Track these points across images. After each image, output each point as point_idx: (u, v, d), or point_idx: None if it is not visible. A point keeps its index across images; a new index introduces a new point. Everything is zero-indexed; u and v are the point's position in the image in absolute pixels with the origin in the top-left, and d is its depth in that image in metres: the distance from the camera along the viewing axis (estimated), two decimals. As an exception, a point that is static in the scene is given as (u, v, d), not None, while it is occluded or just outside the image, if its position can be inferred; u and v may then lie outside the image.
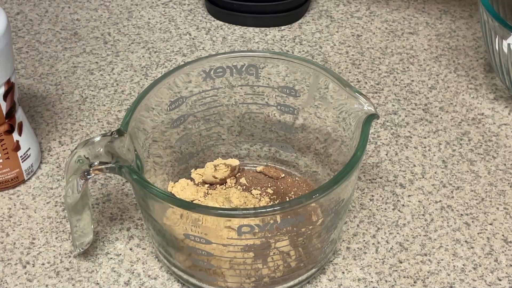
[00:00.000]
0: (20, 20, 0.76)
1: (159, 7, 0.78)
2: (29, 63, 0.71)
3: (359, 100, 0.49)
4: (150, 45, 0.73)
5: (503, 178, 0.59)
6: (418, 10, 0.78)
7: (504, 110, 0.65)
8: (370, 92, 0.67)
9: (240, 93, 0.55)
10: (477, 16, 0.77)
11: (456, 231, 0.55)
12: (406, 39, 0.73)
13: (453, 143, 0.62)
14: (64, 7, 0.78)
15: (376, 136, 0.63)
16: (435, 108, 0.65)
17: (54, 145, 0.62)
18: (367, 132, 0.47)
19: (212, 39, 0.74)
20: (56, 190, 0.58)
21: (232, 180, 0.56)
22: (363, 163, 0.60)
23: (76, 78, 0.69)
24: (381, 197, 0.57)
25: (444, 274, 0.52)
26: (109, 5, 0.79)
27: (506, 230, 0.55)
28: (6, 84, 0.54)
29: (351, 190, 0.48)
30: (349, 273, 0.52)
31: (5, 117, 0.55)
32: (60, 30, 0.75)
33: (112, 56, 0.71)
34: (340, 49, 0.72)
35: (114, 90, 0.67)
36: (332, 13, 0.77)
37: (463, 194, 0.57)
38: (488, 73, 0.69)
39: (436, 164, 0.60)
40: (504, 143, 0.62)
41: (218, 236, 0.45)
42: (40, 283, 0.51)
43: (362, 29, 0.75)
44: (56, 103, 0.66)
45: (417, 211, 0.56)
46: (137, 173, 0.45)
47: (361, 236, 0.54)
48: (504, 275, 0.52)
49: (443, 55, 0.71)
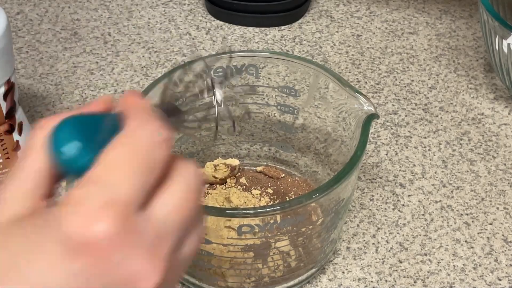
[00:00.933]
0: (20, 20, 0.76)
1: (159, 7, 0.78)
2: (29, 63, 0.71)
3: (359, 100, 0.49)
4: (150, 45, 0.73)
5: (503, 178, 0.59)
6: (418, 10, 0.78)
7: (504, 110, 0.65)
8: (370, 92, 0.67)
9: (240, 93, 0.55)
10: (477, 16, 0.77)
11: (456, 231, 0.55)
12: (406, 39, 0.73)
13: (453, 143, 0.62)
14: (64, 7, 0.78)
15: (376, 136, 0.63)
16: (435, 108, 0.65)
17: (54, 145, 0.62)
18: (367, 132, 0.47)
19: (212, 39, 0.74)
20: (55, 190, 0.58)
21: (232, 180, 0.56)
22: (363, 163, 0.60)
23: (76, 78, 0.69)
24: (381, 197, 0.57)
25: (444, 274, 0.52)
26: (109, 5, 0.79)
27: (506, 230, 0.55)
28: (6, 84, 0.54)
29: (351, 190, 0.48)
30: (349, 273, 0.52)
31: (5, 117, 0.55)
32: (60, 30, 0.75)
33: (112, 56, 0.71)
34: (340, 49, 0.72)
35: (114, 90, 0.67)
36: (332, 13, 0.77)
37: (463, 194, 0.57)
38: (488, 73, 0.69)
39: (436, 164, 0.60)
40: (504, 143, 0.62)
41: (218, 236, 0.45)
42: (40, 283, 0.51)
43: (362, 29, 0.75)
44: (56, 103, 0.66)
45: (417, 211, 0.56)
46: (137, 173, 0.45)
47: (361, 236, 0.54)
48: (504, 275, 0.52)
49: (443, 55, 0.71)
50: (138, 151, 0.27)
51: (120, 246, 0.25)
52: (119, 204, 0.25)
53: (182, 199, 0.28)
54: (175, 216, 0.27)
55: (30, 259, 0.25)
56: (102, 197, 0.25)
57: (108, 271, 0.25)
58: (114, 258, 0.25)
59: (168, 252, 0.27)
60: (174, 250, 0.27)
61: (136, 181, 0.26)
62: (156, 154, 0.27)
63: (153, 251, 0.26)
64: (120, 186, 0.26)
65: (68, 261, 0.25)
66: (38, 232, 0.25)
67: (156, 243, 0.26)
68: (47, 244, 0.25)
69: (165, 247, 0.26)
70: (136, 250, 0.26)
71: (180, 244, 0.28)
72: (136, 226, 0.26)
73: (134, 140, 0.27)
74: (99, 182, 0.26)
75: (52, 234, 0.25)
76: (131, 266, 0.25)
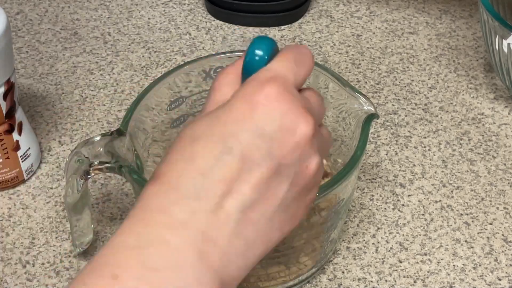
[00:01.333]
0: (20, 20, 0.76)
1: (159, 7, 0.78)
2: (29, 63, 0.71)
3: (359, 100, 0.49)
4: (150, 45, 0.73)
5: (503, 178, 0.59)
6: (418, 10, 0.78)
7: (504, 110, 0.65)
8: (370, 92, 0.67)
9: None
10: (477, 16, 0.77)
11: (456, 230, 0.55)
12: (406, 39, 0.73)
13: (453, 143, 0.62)
14: (64, 7, 0.78)
15: (376, 136, 0.63)
16: (435, 108, 0.65)
17: (54, 145, 0.62)
18: (367, 132, 0.47)
19: (212, 39, 0.74)
20: (56, 190, 0.58)
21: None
22: (363, 163, 0.60)
23: (76, 78, 0.69)
24: (381, 197, 0.57)
25: (444, 274, 0.52)
26: (109, 5, 0.79)
27: (506, 229, 0.55)
28: (6, 84, 0.54)
29: (351, 190, 0.48)
30: (349, 273, 0.52)
31: (5, 117, 0.55)
32: (60, 30, 0.75)
33: (112, 56, 0.71)
34: (340, 49, 0.72)
35: (114, 90, 0.67)
36: (332, 13, 0.77)
37: (463, 193, 0.57)
38: (488, 73, 0.69)
39: (436, 164, 0.60)
40: (504, 143, 0.62)
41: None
42: (40, 282, 0.51)
43: (362, 29, 0.75)
44: (56, 103, 0.66)
45: (417, 210, 0.56)
46: (137, 173, 0.45)
47: (361, 235, 0.54)
48: (504, 275, 0.52)
49: (443, 55, 0.71)
50: (291, 56, 0.39)
51: (282, 101, 0.36)
52: (280, 78, 0.37)
53: (320, 99, 0.41)
54: (315, 98, 0.40)
55: (227, 117, 0.36)
56: (269, 75, 0.37)
57: (275, 118, 0.36)
58: (279, 109, 0.36)
59: (315, 119, 0.38)
60: (318, 124, 0.39)
61: (291, 69, 0.38)
62: (303, 58, 0.40)
63: (305, 112, 0.37)
64: (280, 71, 0.38)
65: (249, 112, 0.36)
66: (231, 99, 0.37)
67: (306, 109, 0.37)
68: (237, 103, 0.37)
69: (312, 115, 0.38)
70: (293, 105, 0.37)
71: (320, 127, 0.40)
72: (292, 92, 0.37)
73: (288, 51, 0.39)
74: (267, 69, 0.38)
75: (238, 97, 0.37)
76: (291, 116, 0.36)
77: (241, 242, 0.35)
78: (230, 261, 0.35)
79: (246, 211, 0.35)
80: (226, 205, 0.35)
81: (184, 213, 0.34)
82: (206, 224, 0.34)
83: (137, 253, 0.33)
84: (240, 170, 0.35)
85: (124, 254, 0.33)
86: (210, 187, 0.35)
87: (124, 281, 0.32)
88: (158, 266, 0.33)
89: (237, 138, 0.36)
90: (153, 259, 0.33)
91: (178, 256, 0.33)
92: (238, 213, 0.35)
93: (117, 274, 0.32)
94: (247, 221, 0.35)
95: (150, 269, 0.33)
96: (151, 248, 0.33)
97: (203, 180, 0.35)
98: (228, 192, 0.35)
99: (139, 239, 0.34)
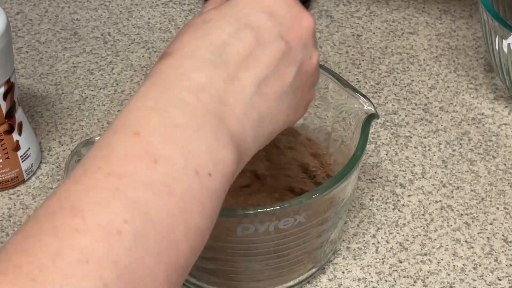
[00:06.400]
0: (20, 20, 0.76)
1: (159, 7, 0.78)
2: (29, 63, 0.71)
3: (359, 100, 0.49)
4: (150, 45, 0.73)
5: (503, 178, 0.59)
6: (418, 10, 0.78)
7: (504, 110, 0.65)
8: (370, 92, 0.67)
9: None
10: (477, 16, 0.77)
11: (456, 231, 0.55)
12: (406, 39, 0.73)
13: (453, 143, 0.62)
14: (64, 7, 0.78)
15: (376, 136, 0.63)
16: (435, 108, 0.65)
17: (54, 145, 0.62)
18: (367, 132, 0.47)
19: (212, 39, 0.74)
20: None
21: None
22: (363, 163, 0.60)
23: (76, 78, 0.69)
24: (381, 197, 0.57)
25: (444, 274, 0.52)
26: (109, 5, 0.79)
27: (506, 230, 0.55)
28: (6, 84, 0.54)
29: (351, 190, 0.48)
30: (349, 273, 0.52)
31: (5, 117, 0.55)
32: (60, 30, 0.75)
33: (112, 56, 0.71)
34: (340, 49, 0.72)
35: (114, 90, 0.67)
36: (332, 13, 0.77)
37: (463, 194, 0.57)
38: (488, 73, 0.69)
39: (436, 164, 0.60)
40: (504, 143, 0.62)
41: (218, 236, 0.45)
42: (40, 283, 0.51)
43: (362, 29, 0.75)
44: (56, 103, 0.66)
45: (417, 211, 0.56)
46: (137, 173, 0.45)
47: (361, 236, 0.54)
48: (504, 275, 0.52)
49: (443, 55, 0.71)
50: None
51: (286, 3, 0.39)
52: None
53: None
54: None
55: (238, 2, 0.39)
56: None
57: (284, 5, 0.39)
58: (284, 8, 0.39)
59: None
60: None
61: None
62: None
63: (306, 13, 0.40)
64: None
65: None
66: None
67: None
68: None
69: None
70: (297, 1, 0.40)
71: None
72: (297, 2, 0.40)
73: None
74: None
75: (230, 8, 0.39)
76: (297, 7, 0.40)
77: (254, 114, 0.37)
78: (244, 129, 0.36)
79: (260, 84, 0.37)
80: (241, 77, 0.37)
81: (203, 78, 0.36)
82: (224, 91, 0.36)
83: (158, 113, 0.34)
84: (254, 47, 0.37)
85: (144, 113, 0.34)
86: (226, 58, 0.37)
87: (147, 137, 0.33)
88: (180, 123, 0.34)
89: (250, 18, 0.38)
90: (174, 118, 0.34)
91: (198, 117, 0.34)
92: (252, 86, 0.37)
93: (139, 131, 0.33)
94: (260, 95, 0.37)
95: (172, 126, 0.33)
96: (172, 108, 0.34)
97: (219, 51, 0.37)
98: (243, 65, 0.37)
99: (158, 101, 0.34)
